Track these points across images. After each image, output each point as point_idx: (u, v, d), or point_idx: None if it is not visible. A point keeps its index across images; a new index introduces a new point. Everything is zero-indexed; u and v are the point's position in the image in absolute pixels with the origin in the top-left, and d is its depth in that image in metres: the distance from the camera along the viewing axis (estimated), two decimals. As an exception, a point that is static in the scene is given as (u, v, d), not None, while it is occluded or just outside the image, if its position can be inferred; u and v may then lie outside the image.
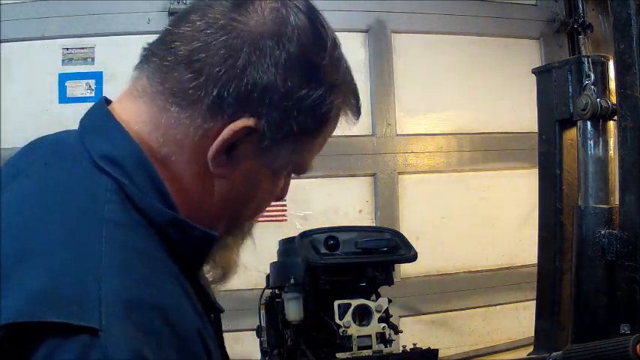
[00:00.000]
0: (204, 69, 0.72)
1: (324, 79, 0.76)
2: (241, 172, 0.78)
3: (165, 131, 0.75)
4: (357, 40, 3.23)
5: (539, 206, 2.12)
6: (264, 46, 0.72)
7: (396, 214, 3.18)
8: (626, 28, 1.68)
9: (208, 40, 0.72)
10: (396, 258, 1.66)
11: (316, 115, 0.77)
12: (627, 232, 1.70)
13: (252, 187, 0.81)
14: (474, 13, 3.37)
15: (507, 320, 3.34)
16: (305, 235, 1.65)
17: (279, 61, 0.72)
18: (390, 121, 3.21)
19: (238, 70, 0.71)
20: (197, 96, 0.72)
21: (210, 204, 0.79)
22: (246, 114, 0.73)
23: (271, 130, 0.74)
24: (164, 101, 0.74)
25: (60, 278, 0.61)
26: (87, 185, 0.70)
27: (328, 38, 0.78)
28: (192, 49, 0.73)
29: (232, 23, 0.72)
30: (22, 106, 2.85)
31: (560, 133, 2.02)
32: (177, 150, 0.75)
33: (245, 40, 0.72)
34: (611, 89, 1.86)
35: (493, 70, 3.39)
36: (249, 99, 0.72)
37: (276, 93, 0.73)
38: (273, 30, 0.73)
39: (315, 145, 0.83)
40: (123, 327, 0.59)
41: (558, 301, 2.00)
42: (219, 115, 0.73)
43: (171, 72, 0.74)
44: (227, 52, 0.71)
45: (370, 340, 1.55)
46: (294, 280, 1.62)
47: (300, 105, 0.74)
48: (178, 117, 0.74)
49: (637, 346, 1.27)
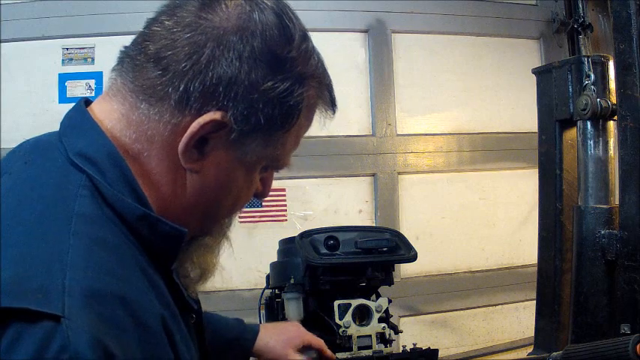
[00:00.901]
0: (170, 66, 0.74)
1: (291, 72, 0.77)
2: (213, 167, 0.78)
3: (137, 128, 0.77)
4: (357, 40, 3.23)
5: (539, 206, 2.12)
6: (227, 41, 0.73)
7: (396, 214, 3.18)
8: (626, 28, 1.68)
9: (175, 37, 0.74)
10: (396, 258, 1.66)
11: (284, 107, 0.77)
12: (627, 232, 1.70)
13: (226, 182, 0.81)
14: (474, 13, 3.37)
15: (507, 320, 3.34)
16: (305, 235, 1.64)
17: (243, 54, 0.73)
18: (390, 121, 3.21)
19: (203, 66, 0.73)
20: (165, 92, 0.74)
21: (183, 199, 0.80)
22: (212, 108, 0.74)
23: (239, 123, 0.75)
24: (135, 99, 0.77)
25: (27, 268, 0.63)
26: (60, 181, 0.72)
27: (296, 32, 0.79)
28: (160, 47, 0.75)
29: (198, 21, 0.74)
30: (22, 106, 2.85)
31: (560, 133, 2.02)
32: (149, 146, 0.76)
33: (209, 36, 0.74)
34: (611, 89, 1.86)
35: (493, 70, 3.39)
36: (215, 93, 0.73)
37: (241, 86, 0.74)
38: (238, 25, 0.74)
39: (288, 139, 0.83)
40: (85, 315, 0.61)
41: (558, 301, 2.00)
42: (187, 110, 0.74)
43: (141, 70, 0.76)
44: (192, 48, 0.73)
45: (370, 340, 1.55)
46: (294, 280, 1.61)
47: (266, 97, 0.75)
48: (148, 113, 0.76)
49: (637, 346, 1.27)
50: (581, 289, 1.82)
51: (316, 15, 3.16)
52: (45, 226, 0.68)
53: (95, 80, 2.91)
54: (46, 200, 0.71)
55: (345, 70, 3.20)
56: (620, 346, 1.30)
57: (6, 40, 2.84)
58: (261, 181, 0.89)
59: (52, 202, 0.70)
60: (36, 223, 0.68)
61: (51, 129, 0.85)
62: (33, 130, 3.18)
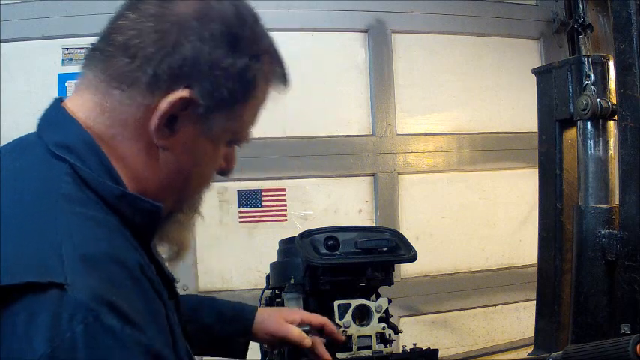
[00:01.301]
0: (139, 52, 0.81)
1: (247, 50, 0.86)
2: (183, 142, 0.86)
3: (110, 114, 0.84)
4: (357, 40, 3.23)
5: (539, 206, 2.12)
6: (189, 27, 0.82)
7: (396, 214, 3.18)
8: (626, 28, 1.68)
9: (140, 27, 0.82)
10: (396, 258, 1.66)
11: (243, 81, 0.86)
12: (627, 232, 1.70)
13: (195, 157, 0.89)
14: (474, 13, 3.37)
15: (507, 320, 3.34)
16: (305, 235, 1.64)
17: (204, 37, 0.82)
18: (390, 121, 3.21)
19: (169, 49, 0.81)
20: (135, 77, 0.82)
21: (157, 177, 0.87)
22: (180, 86, 0.82)
23: (204, 98, 0.83)
24: (106, 87, 0.84)
25: (23, 247, 0.70)
26: (44, 171, 0.80)
27: (249, 15, 0.88)
28: (127, 38, 0.83)
29: (161, 11, 0.83)
30: (22, 106, 2.85)
31: (560, 133, 2.02)
32: (123, 130, 0.84)
33: (173, 23, 0.82)
34: (611, 89, 1.86)
35: (493, 70, 3.39)
36: (182, 73, 0.81)
37: (205, 65, 0.82)
38: (198, 12, 0.83)
39: (247, 112, 0.91)
40: (85, 278, 0.68)
41: (558, 301, 2.00)
42: (157, 91, 0.82)
43: (111, 60, 0.83)
44: (157, 35, 0.81)
45: (370, 340, 1.55)
46: (294, 280, 1.61)
47: (227, 73, 0.84)
48: (120, 99, 0.83)
49: (637, 346, 1.27)
50: (581, 289, 1.82)
51: (316, 15, 3.16)
52: (34, 210, 0.75)
53: (95, 80, 2.91)
54: (32, 189, 0.78)
55: (345, 70, 3.20)
56: (620, 346, 1.30)
57: (6, 40, 2.84)
58: (225, 158, 0.97)
59: (39, 190, 0.77)
60: (26, 209, 0.75)
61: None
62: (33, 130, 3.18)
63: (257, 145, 3.06)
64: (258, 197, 3.04)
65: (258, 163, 3.04)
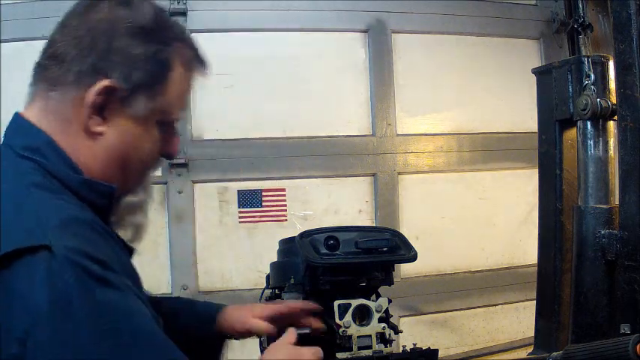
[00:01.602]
0: (65, 57, 0.98)
1: (155, 39, 1.01)
2: (116, 126, 1.01)
3: (54, 115, 1.00)
4: (357, 40, 3.23)
5: (539, 206, 2.12)
6: (102, 28, 0.98)
7: (396, 214, 3.18)
8: (626, 28, 1.68)
9: (64, 38, 0.99)
10: (396, 258, 1.66)
11: (156, 64, 1.01)
12: (627, 232, 1.70)
13: (129, 137, 1.02)
14: (474, 13, 3.37)
15: (507, 320, 3.34)
16: (305, 235, 1.64)
17: (116, 34, 0.98)
18: (390, 121, 3.21)
19: (86, 50, 0.97)
20: (64, 78, 0.98)
21: (103, 162, 1.02)
22: (101, 77, 0.97)
23: (123, 83, 0.98)
24: (46, 92, 1.00)
25: (8, 223, 0.86)
26: (15, 170, 0.95)
27: (154, 11, 1.04)
28: (55, 47, 0.99)
29: (78, 22, 1.00)
30: (22, 107, 2.84)
31: (560, 133, 2.02)
32: (68, 125, 1.00)
33: (87, 29, 0.98)
34: (611, 89, 1.86)
35: (493, 70, 3.39)
36: (100, 66, 0.97)
37: (119, 56, 0.98)
38: (107, 16, 1.00)
39: (168, 91, 1.04)
40: (64, 238, 0.85)
41: (558, 301, 2.00)
42: (83, 86, 0.97)
43: (46, 70, 1.00)
44: (76, 40, 0.98)
45: (370, 340, 1.55)
46: (294, 280, 1.61)
47: (140, 60, 0.99)
48: (58, 99, 0.99)
49: (637, 346, 1.27)
50: (581, 289, 1.82)
51: (316, 15, 3.16)
52: (12, 198, 0.91)
53: (95, 80, 2.91)
54: (9, 183, 0.93)
55: (345, 70, 3.21)
56: (620, 346, 1.30)
57: (6, 40, 2.84)
58: (165, 140, 1.09)
59: (14, 183, 0.93)
60: (6, 198, 0.90)
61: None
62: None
63: (257, 145, 3.06)
64: (258, 197, 3.04)
65: (258, 163, 3.05)
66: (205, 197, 3.01)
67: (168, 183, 2.96)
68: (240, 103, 3.06)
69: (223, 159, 3.03)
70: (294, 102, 3.11)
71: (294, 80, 3.13)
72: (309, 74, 3.14)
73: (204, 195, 3.01)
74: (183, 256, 2.94)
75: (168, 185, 2.96)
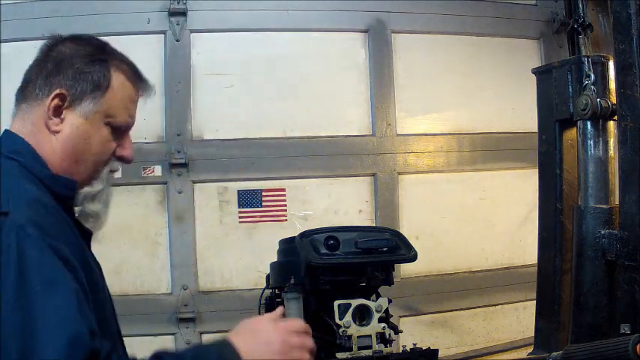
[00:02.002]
0: (34, 79, 1.33)
1: (96, 58, 1.33)
2: (69, 125, 1.30)
3: (27, 121, 1.31)
4: (357, 40, 3.23)
5: (539, 206, 2.12)
6: (59, 57, 1.33)
7: (396, 214, 3.18)
8: (626, 28, 1.68)
9: (33, 67, 1.35)
10: (396, 258, 1.66)
11: (96, 76, 1.32)
12: (627, 232, 1.70)
13: (81, 134, 1.31)
14: (474, 13, 3.37)
15: (507, 320, 3.34)
16: (305, 235, 1.65)
17: (68, 58, 1.32)
18: (390, 121, 3.21)
19: (47, 72, 1.31)
20: (33, 93, 1.31)
21: (60, 155, 1.29)
22: (55, 88, 1.29)
23: (71, 90, 1.30)
24: (22, 107, 1.33)
25: None
26: (7, 169, 1.23)
27: (97, 41, 1.38)
28: (29, 75, 1.35)
29: (43, 54, 1.35)
30: (22, 106, 2.85)
31: (560, 133, 2.03)
32: (38, 130, 1.30)
33: (49, 57, 1.33)
34: (611, 89, 1.86)
35: (493, 70, 3.39)
36: (56, 81, 1.30)
37: (68, 72, 1.31)
38: (62, 49, 1.34)
39: (110, 97, 1.33)
40: (20, 209, 1.13)
41: (558, 301, 2.00)
42: (44, 97, 1.30)
43: (22, 91, 1.34)
44: (41, 67, 1.33)
45: (370, 340, 1.55)
46: (294, 280, 1.62)
47: (83, 72, 1.31)
48: (28, 110, 1.32)
49: (637, 346, 1.27)
50: (581, 289, 1.83)
51: (316, 15, 3.16)
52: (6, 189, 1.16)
53: (95, 80, 2.91)
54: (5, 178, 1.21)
55: (345, 70, 3.21)
56: (620, 346, 1.31)
57: (6, 40, 2.83)
58: (119, 144, 1.36)
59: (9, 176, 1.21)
60: None
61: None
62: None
63: (257, 145, 3.06)
64: (258, 197, 3.04)
65: (258, 163, 3.05)
66: (205, 197, 3.01)
67: (168, 183, 2.96)
68: (240, 103, 3.06)
69: (223, 159, 3.03)
70: (294, 102, 3.11)
71: (294, 80, 3.13)
72: (309, 74, 3.14)
73: (204, 195, 3.01)
74: (183, 256, 2.94)
75: (168, 185, 2.96)
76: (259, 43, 3.10)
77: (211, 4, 3.06)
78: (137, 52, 2.95)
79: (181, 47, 3.00)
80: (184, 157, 2.95)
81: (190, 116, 2.99)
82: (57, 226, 1.18)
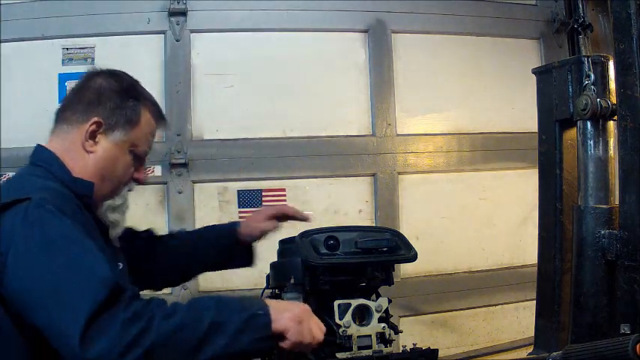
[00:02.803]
0: (74, 106, 1.57)
1: (131, 96, 1.59)
2: (101, 148, 1.55)
3: (67, 140, 1.55)
4: (357, 40, 3.23)
5: (539, 206, 2.12)
6: (98, 89, 1.58)
7: (396, 214, 3.18)
8: (626, 28, 1.68)
9: (73, 95, 1.61)
10: (396, 258, 1.66)
11: (129, 111, 1.57)
12: (627, 232, 1.70)
13: (109, 156, 1.56)
14: (474, 13, 3.37)
15: (507, 320, 3.34)
16: (305, 235, 1.65)
17: (105, 93, 1.57)
18: (390, 121, 3.21)
19: (87, 101, 1.56)
20: (73, 116, 1.56)
21: (91, 170, 1.53)
22: (94, 116, 1.54)
23: (107, 121, 1.54)
24: (62, 126, 1.58)
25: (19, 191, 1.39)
26: (29, 170, 1.54)
27: (131, 80, 1.63)
28: (68, 101, 1.61)
29: (82, 85, 1.61)
30: (22, 106, 2.85)
31: (560, 133, 2.02)
32: (74, 147, 1.54)
33: (88, 89, 1.59)
34: (611, 89, 1.86)
35: (493, 70, 3.39)
36: (95, 110, 1.55)
37: (107, 105, 1.55)
38: (101, 83, 1.59)
39: (137, 130, 1.58)
40: (42, 194, 1.36)
41: (558, 301, 2.00)
42: (84, 121, 1.54)
43: (62, 114, 1.59)
44: (80, 96, 1.59)
45: (370, 340, 1.55)
46: (294, 280, 1.61)
47: (119, 107, 1.56)
48: (68, 129, 1.56)
49: (637, 346, 1.27)
50: (581, 289, 1.82)
51: (316, 15, 3.17)
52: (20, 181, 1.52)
53: (95, 80, 2.91)
54: (21, 177, 1.54)
55: (345, 70, 3.21)
56: (619, 346, 1.31)
57: (6, 40, 2.84)
58: (136, 168, 1.61)
59: (25, 176, 1.53)
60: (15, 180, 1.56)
61: (50, 128, 1.59)
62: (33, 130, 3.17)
63: (257, 145, 3.06)
64: (258, 197, 3.04)
65: (258, 163, 3.05)
66: (205, 197, 3.02)
67: (169, 183, 2.96)
68: (240, 103, 3.06)
69: (223, 159, 3.03)
70: (294, 102, 3.11)
71: (294, 80, 3.13)
72: (309, 74, 3.14)
73: (204, 195, 3.01)
74: (183, 256, 2.94)
75: (168, 185, 2.96)
76: (259, 43, 3.11)
77: (211, 4, 3.07)
78: (137, 52, 2.98)
79: (181, 47, 3.00)
80: (184, 157, 2.95)
81: (190, 116, 2.99)
82: (75, 213, 1.41)
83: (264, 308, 1.37)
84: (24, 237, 1.29)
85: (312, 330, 1.39)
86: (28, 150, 2.75)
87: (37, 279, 1.26)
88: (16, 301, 1.28)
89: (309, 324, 1.38)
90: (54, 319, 1.24)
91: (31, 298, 1.26)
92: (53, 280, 1.25)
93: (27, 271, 1.27)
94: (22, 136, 2.80)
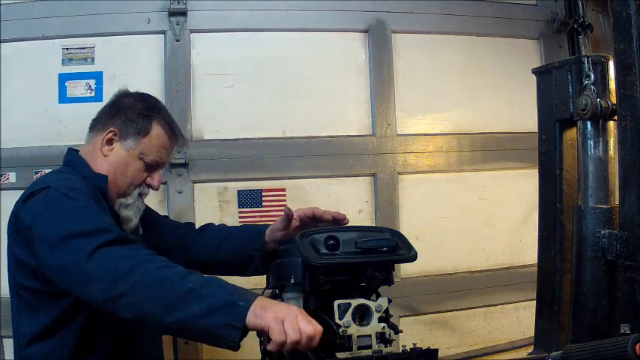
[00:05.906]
0: (101, 118, 2.00)
1: (145, 113, 1.95)
2: (115, 153, 1.93)
3: (91, 145, 1.98)
4: (357, 40, 3.23)
5: (539, 206, 2.12)
6: (122, 106, 1.98)
7: (396, 214, 3.18)
8: (626, 28, 1.68)
9: (104, 109, 2.02)
10: (396, 258, 1.66)
11: (141, 123, 1.94)
12: (627, 232, 1.70)
13: (121, 161, 1.93)
14: (474, 13, 3.37)
15: (507, 320, 3.34)
16: (305, 235, 1.65)
17: (127, 109, 1.96)
18: (390, 121, 3.21)
19: (110, 113, 1.98)
20: (97, 126, 1.99)
21: (107, 171, 1.91)
22: (112, 126, 1.94)
23: (122, 130, 1.93)
24: (90, 133, 2.00)
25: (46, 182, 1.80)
26: (59, 169, 1.98)
27: (148, 99, 2.03)
28: (100, 113, 2.02)
29: (112, 101, 2.03)
30: (22, 106, 2.85)
31: (560, 133, 2.02)
32: (95, 151, 1.95)
33: (115, 105, 2.00)
34: (611, 89, 1.86)
35: (493, 70, 3.39)
36: (113, 121, 1.95)
37: (122, 117, 1.95)
38: (127, 101, 2.00)
39: (148, 140, 1.95)
40: (60, 183, 1.76)
41: (558, 301, 2.00)
42: (104, 130, 1.95)
43: (94, 122, 2.01)
44: (107, 110, 2.01)
45: (370, 340, 1.55)
46: (294, 280, 1.62)
47: (132, 121, 1.94)
48: (94, 136, 1.98)
49: (636, 345, 1.27)
50: (581, 289, 1.82)
51: (316, 15, 3.16)
52: (50, 177, 1.93)
53: (95, 80, 2.91)
54: (52, 174, 1.98)
55: (345, 70, 3.21)
56: (619, 345, 1.31)
57: (6, 40, 2.84)
58: (149, 175, 1.98)
59: (55, 173, 1.97)
60: (47, 177, 1.96)
61: (51, 129, 1.70)
62: (33, 130, 3.16)
63: (257, 145, 3.06)
64: (258, 197, 3.04)
65: (258, 163, 3.05)
66: (205, 197, 3.01)
67: (168, 183, 2.96)
68: (240, 103, 3.06)
69: (223, 159, 3.03)
70: (294, 102, 3.11)
71: (294, 80, 3.13)
72: (309, 74, 3.14)
73: (204, 195, 3.01)
74: (183, 256, 2.94)
75: (168, 185, 2.96)
76: (259, 43, 3.10)
77: (211, 4, 3.06)
78: (137, 52, 2.98)
79: (181, 47, 3.00)
80: (184, 157, 2.95)
81: (190, 116, 2.99)
82: (93, 197, 1.76)
83: (247, 301, 1.41)
84: (43, 214, 1.66)
85: (300, 326, 1.39)
86: (28, 150, 2.95)
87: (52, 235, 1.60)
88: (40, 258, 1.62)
89: (293, 322, 1.39)
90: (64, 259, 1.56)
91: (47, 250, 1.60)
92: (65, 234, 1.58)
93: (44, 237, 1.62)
94: (22, 136, 2.81)
